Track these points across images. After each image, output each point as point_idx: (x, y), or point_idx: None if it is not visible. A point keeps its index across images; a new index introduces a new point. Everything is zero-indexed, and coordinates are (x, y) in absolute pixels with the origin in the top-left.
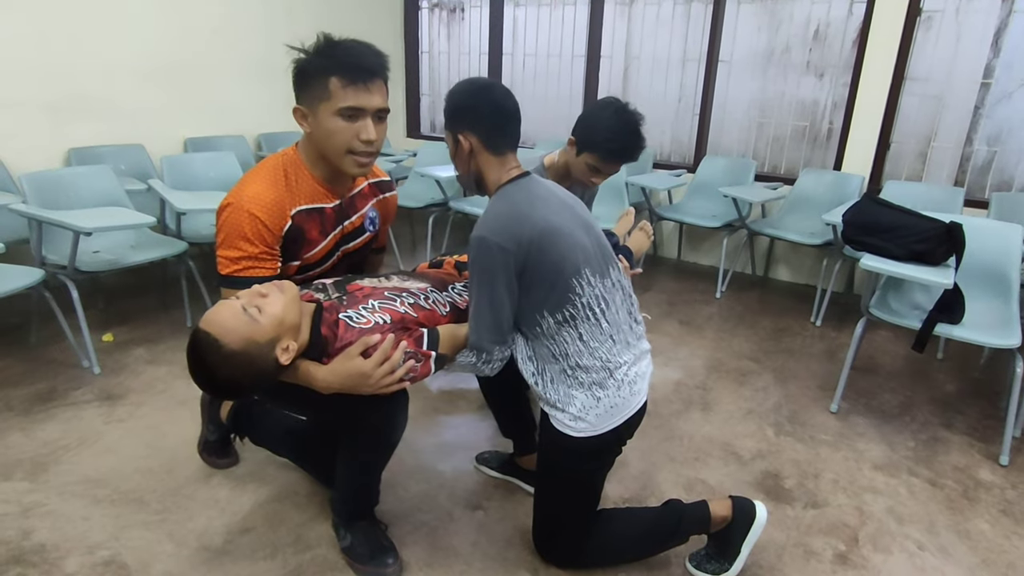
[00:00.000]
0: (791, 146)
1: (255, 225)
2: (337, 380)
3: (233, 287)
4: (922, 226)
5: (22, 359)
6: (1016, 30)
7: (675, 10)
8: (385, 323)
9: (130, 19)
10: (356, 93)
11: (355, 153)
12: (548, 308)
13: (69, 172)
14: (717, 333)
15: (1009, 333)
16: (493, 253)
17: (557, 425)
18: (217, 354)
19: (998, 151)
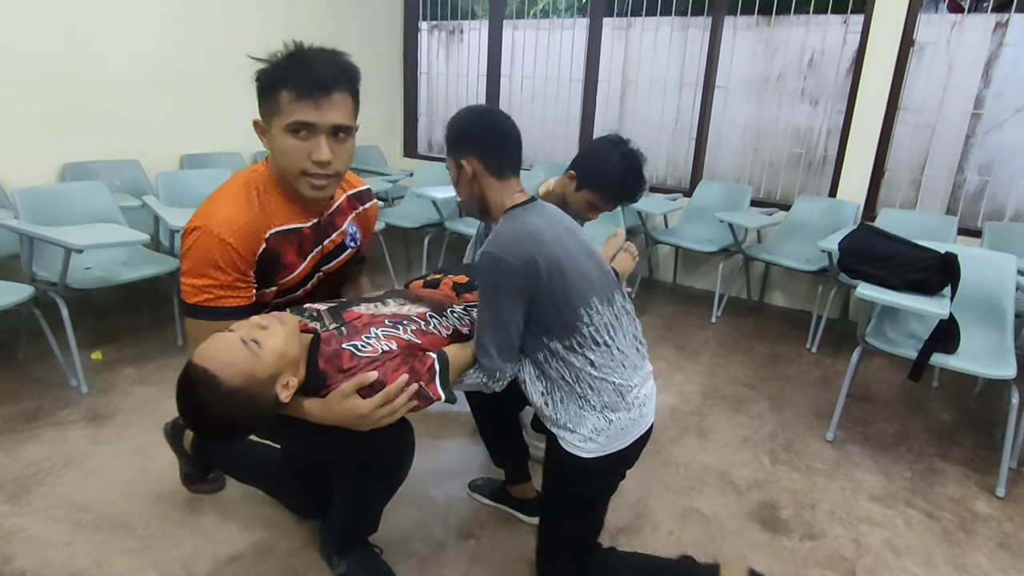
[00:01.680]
0: (787, 172)
1: (226, 251)
2: (332, 417)
3: (203, 318)
4: (918, 256)
5: (8, 376)
6: (1006, 61)
7: (672, 35)
8: (392, 351)
9: (129, 31)
10: (304, 108)
11: (308, 175)
12: (556, 335)
13: (63, 188)
14: (713, 358)
15: (1004, 364)
16: (505, 271)
17: (565, 446)
18: (215, 391)
19: (989, 180)
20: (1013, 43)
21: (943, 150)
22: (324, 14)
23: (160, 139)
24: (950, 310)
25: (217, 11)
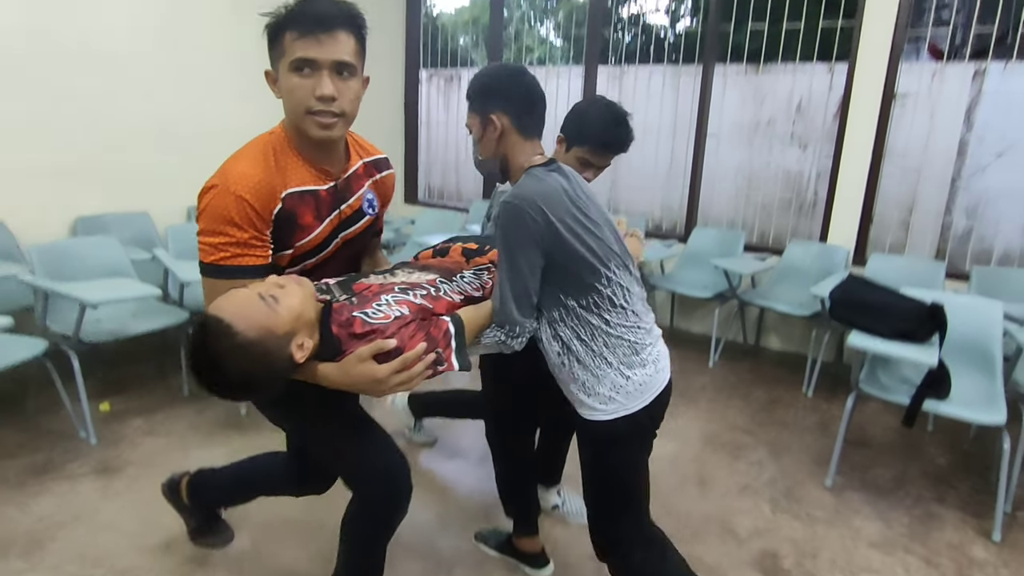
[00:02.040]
0: (779, 214)
1: (242, 208)
2: (348, 381)
3: (220, 276)
4: (905, 306)
5: (18, 428)
6: (986, 107)
7: (665, 82)
8: (404, 316)
9: (141, 90)
10: (306, 44)
11: (313, 113)
12: (572, 293)
13: (76, 243)
14: (711, 404)
15: (994, 410)
16: (526, 222)
17: (587, 414)
18: (229, 342)
19: (976, 222)
20: (991, 91)
21: (930, 193)
22: None
23: (168, 191)
24: (940, 357)
25: (224, 68)
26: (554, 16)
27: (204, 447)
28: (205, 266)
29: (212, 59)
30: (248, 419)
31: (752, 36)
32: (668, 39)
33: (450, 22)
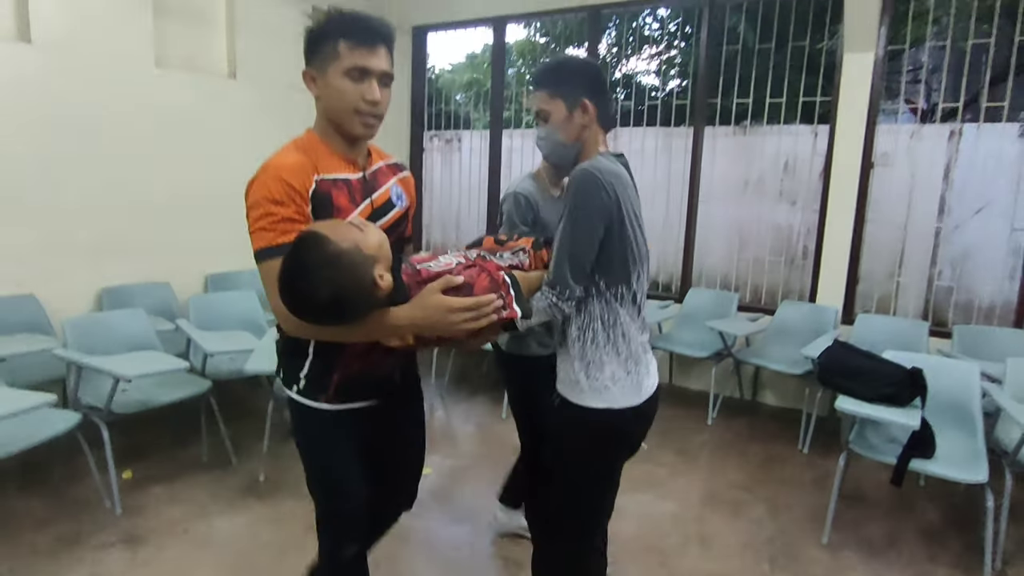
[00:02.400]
0: (770, 267)
1: (283, 186)
2: (422, 314)
3: (274, 256)
4: (887, 371)
5: (45, 498)
6: (962, 166)
7: (658, 143)
8: (465, 260)
9: (163, 166)
10: (363, 55)
11: (361, 113)
12: (607, 277)
13: (105, 316)
14: (710, 461)
15: (977, 468)
16: (599, 191)
17: (578, 399)
18: (324, 250)
19: (960, 275)
20: (966, 150)
21: (916, 248)
22: None
23: (188, 261)
24: (923, 417)
25: (237, 148)
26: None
27: (225, 515)
28: (259, 252)
29: (227, 140)
30: (266, 485)
31: (740, 97)
32: (659, 100)
33: (447, 83)
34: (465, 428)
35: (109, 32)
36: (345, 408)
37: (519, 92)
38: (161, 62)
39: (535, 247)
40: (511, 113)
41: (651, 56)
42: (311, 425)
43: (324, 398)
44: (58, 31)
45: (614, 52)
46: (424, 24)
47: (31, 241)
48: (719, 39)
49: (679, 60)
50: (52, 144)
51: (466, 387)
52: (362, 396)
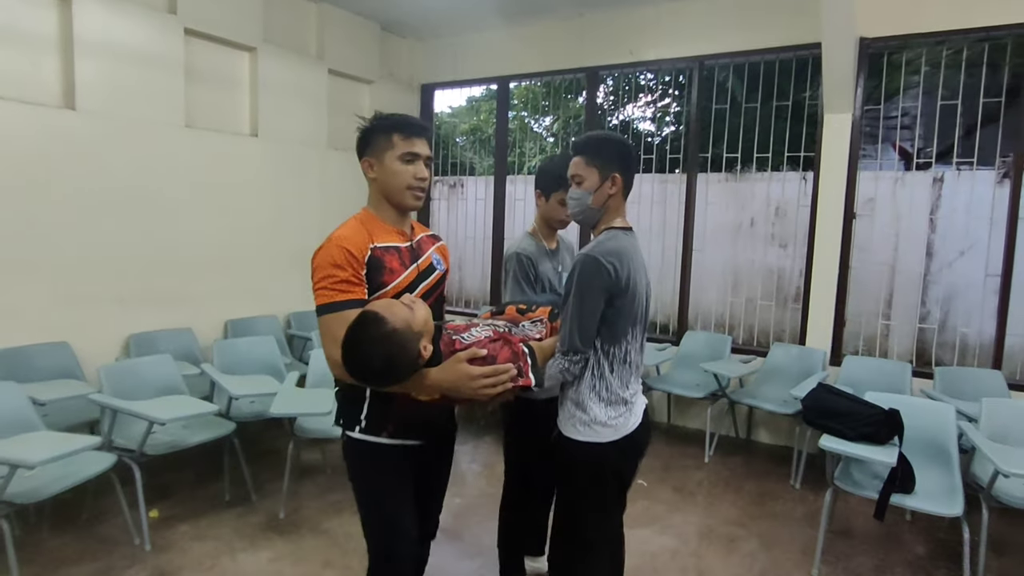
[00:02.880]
0: (763, 308)
1: (343, 253)
2: (448, 378)
3: (332, 311)
4: (867, 412)
5: (76, 536)
6: (946, 211)
7: (654, 189)
8: (492, 335)
9: (187, 222)
10: (412, 143)
11: (412, 188)
12: (605, 338)
13: (135, 363)
14: (707, 498)
15: (953, 503)
16: (600, 272)
17: (571, 433)
18: (381, 328)
19: (948, 314)
20: (948, 195)
21: (905, 289)
22: (353, 184)
23: (208, 308)
24: (902, 453)
25: (252, 207)
26: (550, 128)
27: (249, 551)
28: (321, 308)
29: (248, 194)
30: (287, 521)
31: (730, 148)
32: (654, 146)
33: (448, 128)
34: (472, 467)
35: (144, 97)
36: (402, 444)
37: (520, 139)
38: (191, 123)
39: (551, 318)
40: (514, 158)
41: (647, 104)
42: (372, 462)
43: (386, 434)
44: (99, 99)
45: (611, 100)
46: (432, 82)
47: (64, 291)
48: (709, 95)
49: (675, 108)
50: (88, 201)
51: (472, 429)
52: (415, 435)
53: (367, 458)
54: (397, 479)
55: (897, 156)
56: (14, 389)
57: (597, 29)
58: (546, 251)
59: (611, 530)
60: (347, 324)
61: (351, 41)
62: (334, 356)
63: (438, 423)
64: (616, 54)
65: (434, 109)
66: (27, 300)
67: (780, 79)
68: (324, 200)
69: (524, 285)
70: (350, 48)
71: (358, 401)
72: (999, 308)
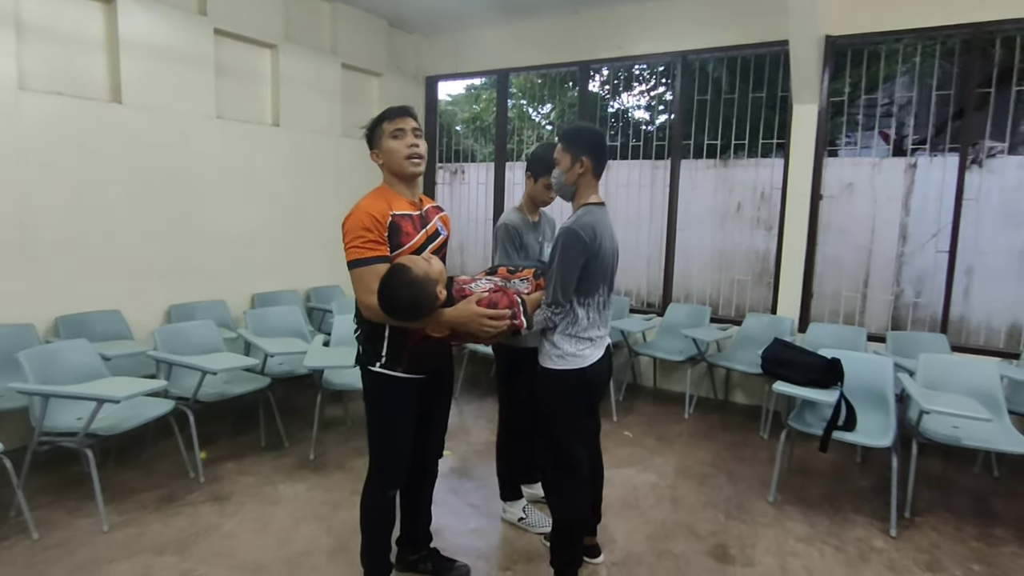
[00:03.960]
0: (752, 287)
1: (370, 218)
2: (457, 316)
3: (363, 265)
4: (813, 361)
5: (139, 472)
6: (918, 195)
7: (642, 174)
8: (494, 286)
9: (219, 205)
10: (395, 122)
11: (409, 157)
12: (580, 292)
13: (183, 326)
14: (685, 446)
15: (884, 437)
16: (580, 242)
17: (548, 363)
18: (404, 276)
19: (922, 292)
20: (921, 180)
21: (880, 269)
22: (365, 169)
23: (238, 282)
24: (846, 397)
25: (283, 184)
26: (548, 116)
27: (287, 483)
28: (353, 262)
29: (271, 179)
30: (316, 462)
31: (718, 135)
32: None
33: (449, 116)
34: (476, 422)
35: (180, 91)
36: (412, 377)
37: (520, 127)
38: (220, 114)
39: (535, 276)
40: (513, 145)
41: (641, 93)
42: (388, 390)
43: (400, 369)
44: (142, 93)
45: (607, 90)
46: (435, 74)
47: (116, 266)
48: (696, 87)
49: (667, 97)
50: (134, 185)
51: (476, 391)
52: (423, 370)
53: (384, 387)
54: (405, 406)
55: (885, 143)
56: (87, 345)
57: (589, 25)
58: (530, 224)
59: (586, 441)
60: (376, 275)
61: (362, 37)
62: (366, 301)
63: (440, 361)
64: (606, 49)
65: (438, 99)
66: (84, 273)
67: (765, 71)
68: (338, 184)
69: (511, 250)
70: (361, 43)
71: (379, 341)
72: (946, 281)
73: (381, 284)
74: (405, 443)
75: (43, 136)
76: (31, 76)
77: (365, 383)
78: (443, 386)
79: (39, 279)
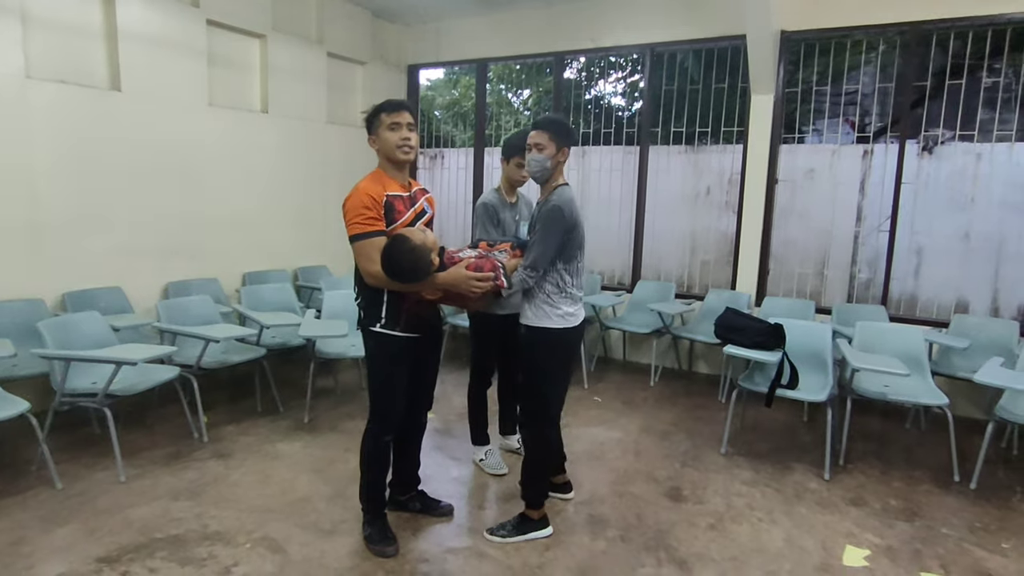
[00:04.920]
0: (715, 266)
1: (369, 198)
2: (449, 278)
3: (364, 238)
4: (759, 327)
5: (145, 433)
6: (875, 180)
7: (621, 159)
8: (479, 255)
9: (213, 187)
10: (392, 116)
11: (400, 147)
12: (562, 258)
13: (183, 300)
14: (649, 409)
15: (821, 393)
16: (564, 217)
17: (545, 323)
18: (405, 244)
19: (874, 273)
20: (877, 166)
21: (839, 250)
22: (349, 154)
23: (230, 261)
24: (790, 360)
25: (272, 168)
26: (526, 102)
27: (285, 442)
28: (355, 236)
29: (260, 164)
30: (310, 424)
31: (688, 123)
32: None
33: (427, 102)
34: (458, 391)
35: (175, 80)
36: (409, 336)
37: (498, 113)
38: (212, 101)
39: (513, 248)
40: (491, 131)
41: (617, 80)
42: (388, 348)
43: (399, 328)
44: (139, 81)
45: (584, 76)
46: (418, 63)
47: (116, 245)
48: (666, 76)
49: (642, 84)
50: (133, 168)
51: (457, 363)
52: (417, 329)
53: (383, 345)
54: (401, 362)
55: (852, 130)
56: (98, 317)
57: (563, 18)
58: (507, 204)
59: (564, 392)
60: (376, 247)
61: (347, 27)
62: (369, 269)
63: (432, 322)
64: (579, 40)
65: (419, 87)
66: (88, 252)
67: (728, 61)
68: (324, 168)
69: (489, 227)
70: (346, 33)
71: (379, 305)
72: (887, 256)
73: (384, 251)
74: (401, 395)
75: (48, 122)
76: (36, 65)
77: (366, 342)
78: (434, 346)
79: (46, 257)
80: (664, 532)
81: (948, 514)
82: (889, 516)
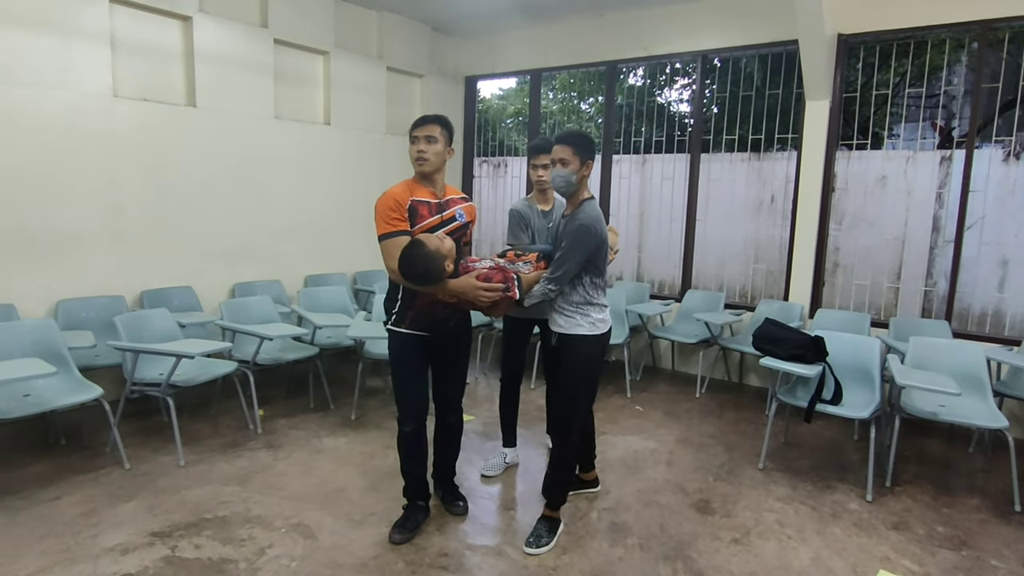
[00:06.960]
0: (763, 275)
1: (394, 201)
2: (458, 286)
3: (389, 238)
4: (798, 338)
5: (207, 423)
6: (953, 188)
7: (664, 168)
8: (495, 265)
9: (277, 194)
10: (413, 130)
11: (416, 160)
12: (591, 272)
13: (244, 300)
14: (691, 420)
15: (865, 410)
16: (592, 234)
17: (576, 330)
18: (421, 249)
19: (957, 282)
20: (956, 173)
21: (913, 260)
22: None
23: (293, 264)
24: (834, 375)
25: (334, 177)
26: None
27: (331, 437)
28: (382, 235)
29: (322, 174)
30: (357, 421)
31: (753, 130)
32: (680, 127)
33: (496, 112)
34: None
35: (245, 95)
36: (414, 334)
37: (562, 121)
38: (279, 115)
39: (538, 259)
40: None
41: (683, 87)
42: (395, 342)
43: (404, 326)
44: (213, 97)
45: (648, 84)
46: (474, 74)
47: (189, 248)
48: (724, 84)
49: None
50: (205, 177)
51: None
52: (425, 329)
53: (393, 339)
54: (408, 356)
55: (938, 134)
56: (167, 314)
57: (614, 27)
58: (538, 211)
59: (593, 394)
60: (398, 246)
61: (405, 42)
62: (390, 266)
63: (445, 324)
64: (631, 49)
65: (476, 98)
66: (163, 254)
67: (783, 67)
68: (382, 177)
69: (518, 232)
70: (404, 48)
71: (393, 303)
72: (952, 269)
73: (402, 253)
74: (413, 387)
75: (131, 137)
76: (122, 85)
77: (389, 337)
78: (458, 349)
79: (128, 258)
80: (685, 543)
81: (1001, 545)
82: (933, 543)
